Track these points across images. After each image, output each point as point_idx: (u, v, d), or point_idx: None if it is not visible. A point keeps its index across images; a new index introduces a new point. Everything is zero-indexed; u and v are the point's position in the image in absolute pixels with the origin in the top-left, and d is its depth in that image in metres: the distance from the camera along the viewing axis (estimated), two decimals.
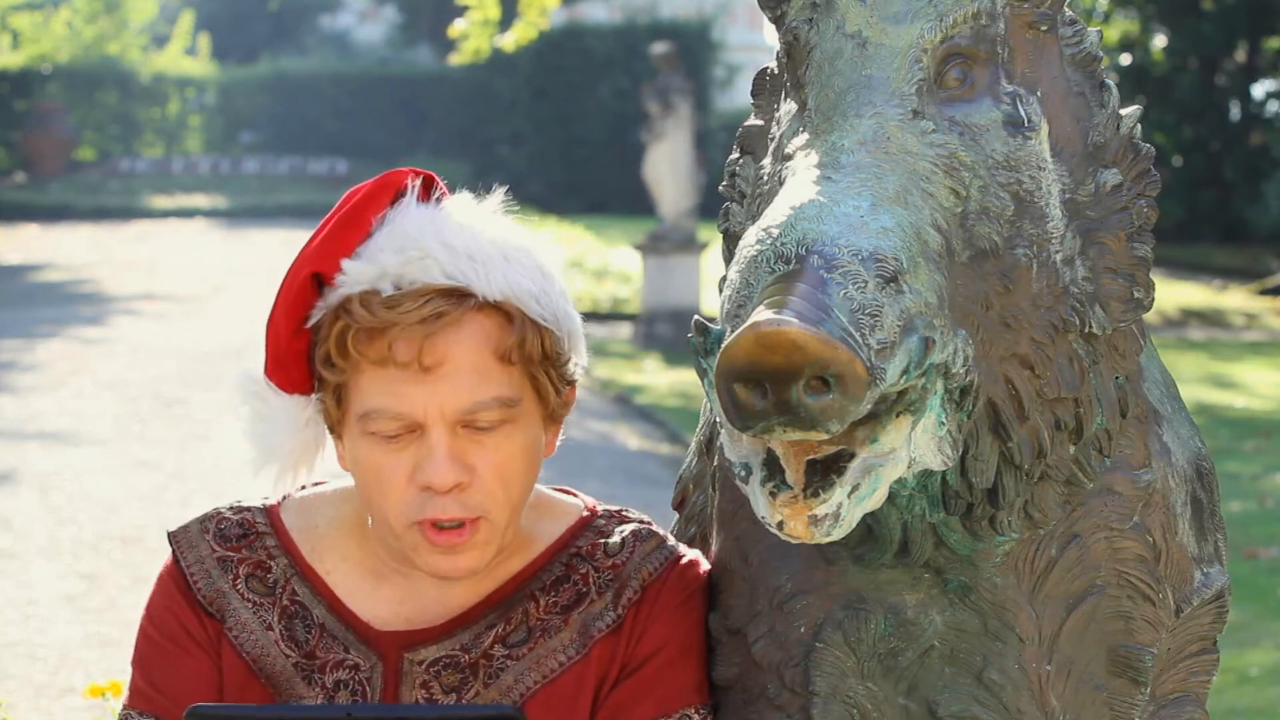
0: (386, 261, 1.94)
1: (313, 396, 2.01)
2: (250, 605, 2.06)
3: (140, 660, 2.09)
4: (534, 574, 2.06)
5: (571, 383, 2.04)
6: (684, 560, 2.07)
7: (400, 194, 2.00)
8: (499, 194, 2.04)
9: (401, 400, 1.93)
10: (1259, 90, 25.73)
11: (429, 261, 1.94)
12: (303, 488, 2.15)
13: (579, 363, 2.04)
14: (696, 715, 2.02)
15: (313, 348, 1.98)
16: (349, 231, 1.98)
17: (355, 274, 1.95)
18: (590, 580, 2.05)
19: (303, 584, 2.07)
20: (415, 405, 1.93)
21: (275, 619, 2.05)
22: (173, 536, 2.11)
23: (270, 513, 2.11)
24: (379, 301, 1.92)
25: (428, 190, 2.02)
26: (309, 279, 1.97)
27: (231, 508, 2.12)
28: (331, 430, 2.02)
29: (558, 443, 2.07)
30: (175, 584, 2.08)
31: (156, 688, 2.06)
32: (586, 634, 2.03)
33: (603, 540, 2.07)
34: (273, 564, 2.08)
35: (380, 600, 2.06)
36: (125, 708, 2.08)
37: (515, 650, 2.03)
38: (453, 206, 2.02)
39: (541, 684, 2.02)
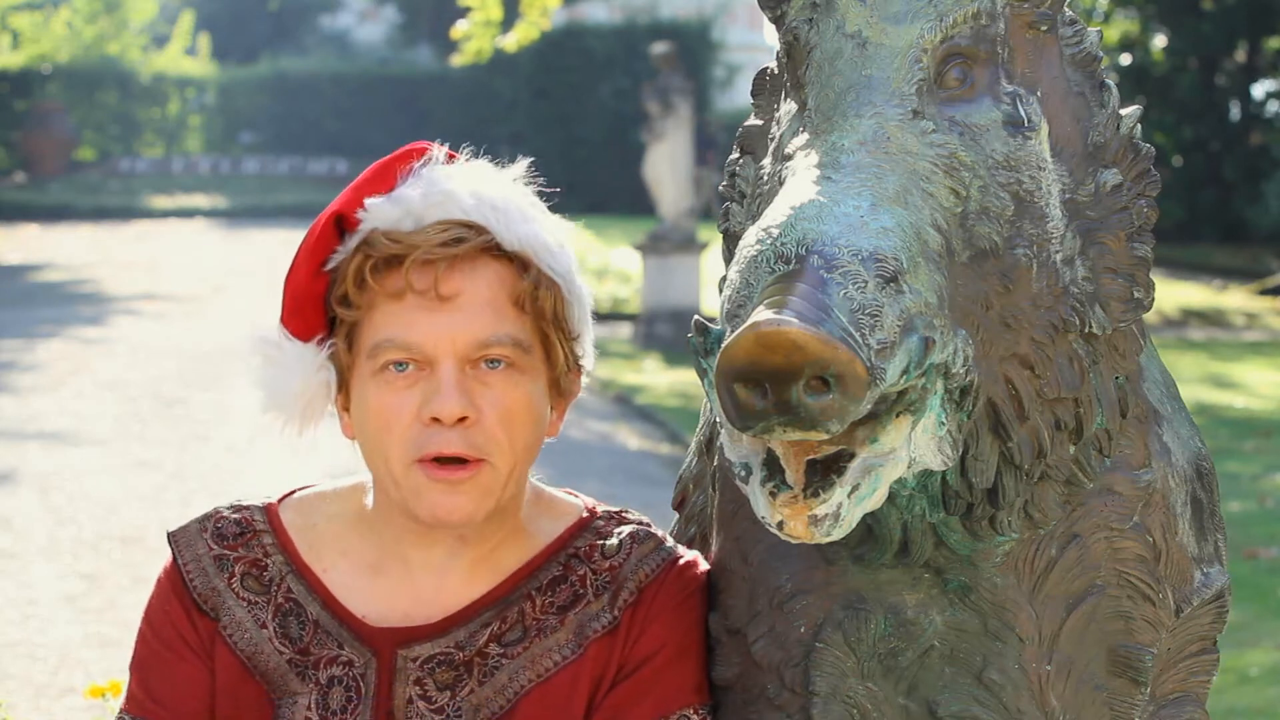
0: (411, 200, 1.99)
1: (325, 344, 2.02)
2: (245, 603, 2.06)
3: (138, 665, 2.09)
4: (531, 573, 2.06)
5: (580, 365, 2.06)
6: (682, 561, 2.07)
7: (426, 157, 2.05)
8: (521, 165, 2.09)
9: (413, 330, 1.95)
10: (1259, 90, 25.73)
11: (452, 204, 1.99)
12: (302, 488, 2.15)
13: (587, 346, 2.07)
14: (696, 716, 2.02)
15: (330, 290, 2.01)
16: (375, 182, 2.03)
17: (378, 211, 1.99)
18: (587, 582, 2.05)
19: (298, 581, 2.07)
20: (427, 337, 1.95)
21: (269, 616, 2.05)
22: (172, 536, 2.11)
23: (269, 511, 2.11)
24: (400, 231, 1.97)
25: (450, 161, 2.07)
26: (332, 221, 2.02)
27: (231, 506, 2.13)
28: (341, 379, 2.03)
29: (559, 435, 2.09)
30: (172, 585, 2.09)
31: (151, 694, 2.06)
32: (582, 634, 2.03)
33: (601, 541, 2.08)
34: (268, 562, 2.08)
35: (377, 595, 2.06)
36: (121, 711, 2.09)
37: (510, 649, 2.03)
38: (476, 168, 2.07)
39: (536, 683, 2.02)
